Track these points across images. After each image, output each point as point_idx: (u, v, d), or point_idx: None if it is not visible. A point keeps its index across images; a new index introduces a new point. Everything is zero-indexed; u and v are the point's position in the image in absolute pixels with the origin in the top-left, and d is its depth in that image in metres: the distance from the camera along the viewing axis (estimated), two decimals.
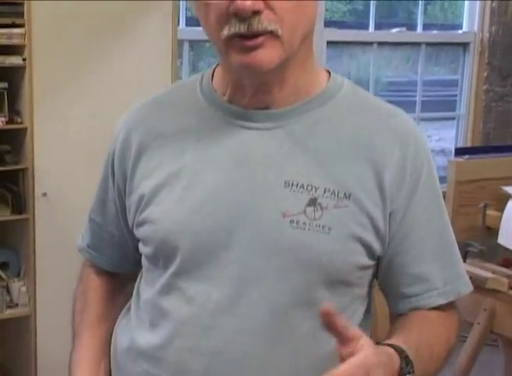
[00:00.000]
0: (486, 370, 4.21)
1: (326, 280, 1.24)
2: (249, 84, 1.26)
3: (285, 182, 1.23)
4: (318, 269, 1.23)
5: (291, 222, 1.22)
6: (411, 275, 1.31)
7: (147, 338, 1.30)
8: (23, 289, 3.36)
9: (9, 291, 3.36)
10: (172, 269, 1.27)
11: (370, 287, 1.34)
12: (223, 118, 1.29)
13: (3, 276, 3.39)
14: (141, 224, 1.31)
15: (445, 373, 3.90)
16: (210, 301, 1.23)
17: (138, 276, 1.42)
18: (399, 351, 1.18)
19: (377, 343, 1.21)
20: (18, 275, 3.41)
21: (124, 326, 1.40)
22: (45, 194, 3.26)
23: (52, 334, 3.28)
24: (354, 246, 1.24)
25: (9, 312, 3.35)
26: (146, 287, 1.34)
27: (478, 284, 3.46)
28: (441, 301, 1.32)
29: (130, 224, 1.36)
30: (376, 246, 1.27)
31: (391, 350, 1.17)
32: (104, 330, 1.43)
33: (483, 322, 3.44)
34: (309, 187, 1.23)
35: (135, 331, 1.33)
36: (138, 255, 1.40)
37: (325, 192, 1.23)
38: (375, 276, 1.34)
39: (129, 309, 1.41)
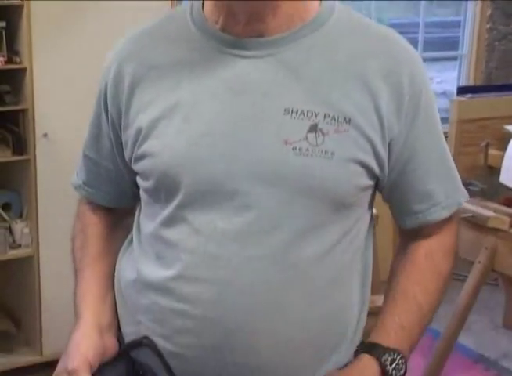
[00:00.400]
0: (486, 309, 4.25)
1: (331, 203, 1.25)
2: (241, 12, 1.25)
3: (284, 110, 1.23)
4: (323, 194, 1.24)
5: (294, 149, 1.22)
6: (417, 193, 1.34)
7: (154, 271, 1.30)
8: (26, 230, 3.37)
9: (11, 232, 3.37)
10: (176, 201, 1.27)
11: (371, 205, 1.37)
12: (216, 47, 1.28)
13: (5, 217, 3.40)
14: (140, 158, 1.31)
15: (445, 311, 3.94)
16: (217, 232, 1.24)
17: (137, 211, 1.42)
18: (377, 352, 1.30)
19: (361, 344, 1.34)
20: (20, 216, 3.42)
21: (126, 260, 1.40)
22: (45, 135, 3.25)
23: (55, 274, 3.30)
24: (355, 169, 1.25)
25: (11, 253, 3.36)
26: (147, 221, 1.34)
27: (480, 223, 3.48)
28: (445, 214, 1.37)
29: (127, 158, 1.35)
30: (376, 169, 1.28)
31: (365, 359, 1.30)
32: (106, 265, 1.43)
33: (484, 260, 3.46)
34: (309, 113, 1.23)
35: (140, 264, 1.33)
36: (135, 189, 1.40)
37: (325, 117, 1.23)
38: (374, 194, 1.37)
39: (130, 243, 1.42)
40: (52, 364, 1.36)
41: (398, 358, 1.30)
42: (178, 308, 1.26)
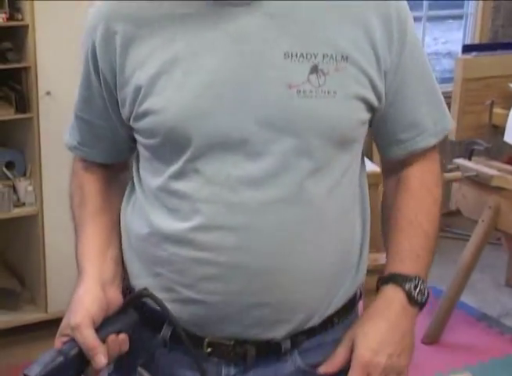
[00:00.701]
0: (489, 268, 4.27)
1: (337, 141, 1.29)
2: None
3: (284, 54, 1.25)
4: (329, 133, 1.27)
5: (298, 92, 1.24)
6: (405, 122, 1.39)
7: (170, 223, 1.31)
8: (30, 188, 3.37)
9: (15, 191, 3.38)
10: (186, 156, 1.27)
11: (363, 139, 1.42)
12: None
13: (9, 175, 3.40)
14: (142, 116, 1.30)
15: (448, 270, 3.95)
16: (231, 179, 1.26)
17: (133, 165, 1.42)
18: (399, 281, 1.35)
19: (380, 279, 1.38)
20: (24, 174, 3.43)
21: (131, 214, 1.40)
22: (48, 93, 3.24)
23: (59, 232, 3.30)
24: (357, 105, 1.29)
25: (16, 211, 3.37)
26: (151, 176, 1.34)
27: (484, 182, 3.48)
28: (433, 140, 1.42)
29: (125, 116, 1.34)
30: (374, 102, 1.32)
31: (389, 290, 1.35)
32: (106, 220, 1.43)
33: (487, 219, 3.47)
34: (308, 55, 1.25)
35: (153, 218, 1.33)
36: (131, 144, 1.40)
37: (324, 58, 1.25)
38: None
39: (130, 197, 1.42)
40: (56, 321, 1.36)
41: (419, 283, 1.35)
42: (200, 257, 1.28)
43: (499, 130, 3.63)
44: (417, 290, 1.34)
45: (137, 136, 1.35)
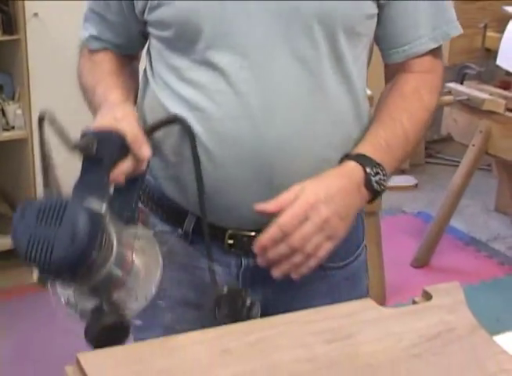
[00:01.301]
0: (479, 194, 4.30)
1: (344, 32, 1.32)
2: None
3: None
4: (337, 27, 1.31)
5: None
6: (404, 25, 1.41)
7: (185, 115, 1.32)
8: (19, 111, 3.33)
9: (4, 114, 3.34)
10: (199, 46, 1.30)
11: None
12: None
13: None
14: (155, 7, 1.32)
15: (438, 195, 3.96)
16: (243, 70, 1.30)
17: (146, 60, 1.44)
18: (362, 161, 1.31)
19: (346, 156, 1.35)
20: (13, 97, 3.38)
21: (148, 106, 1.41)
22: (36, 14, 3.18)
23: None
24: None
25: (5, 135, 3.34)
26: (165, 68, 1.37)
27: (475, 106, 3.47)
28: (432, 45, 1.42)
29: (139, 10, 1.36)
30: None
31: (351, 164, 1.32)
32: (122, 80, 1.44)
33: (478, 144, 3.48)
34: None
35: (169, 108, 1.36)
36: (142, 38, 1.44)
37: None
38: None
39: (144, 90, 1.43)
40: None
41: (381, 172, 1.32)
42: (216, 147, 1.32)
43: (491, 54, 3.60)
44: (377, 177, 1.31)
45: (151, 29, 1.38)
